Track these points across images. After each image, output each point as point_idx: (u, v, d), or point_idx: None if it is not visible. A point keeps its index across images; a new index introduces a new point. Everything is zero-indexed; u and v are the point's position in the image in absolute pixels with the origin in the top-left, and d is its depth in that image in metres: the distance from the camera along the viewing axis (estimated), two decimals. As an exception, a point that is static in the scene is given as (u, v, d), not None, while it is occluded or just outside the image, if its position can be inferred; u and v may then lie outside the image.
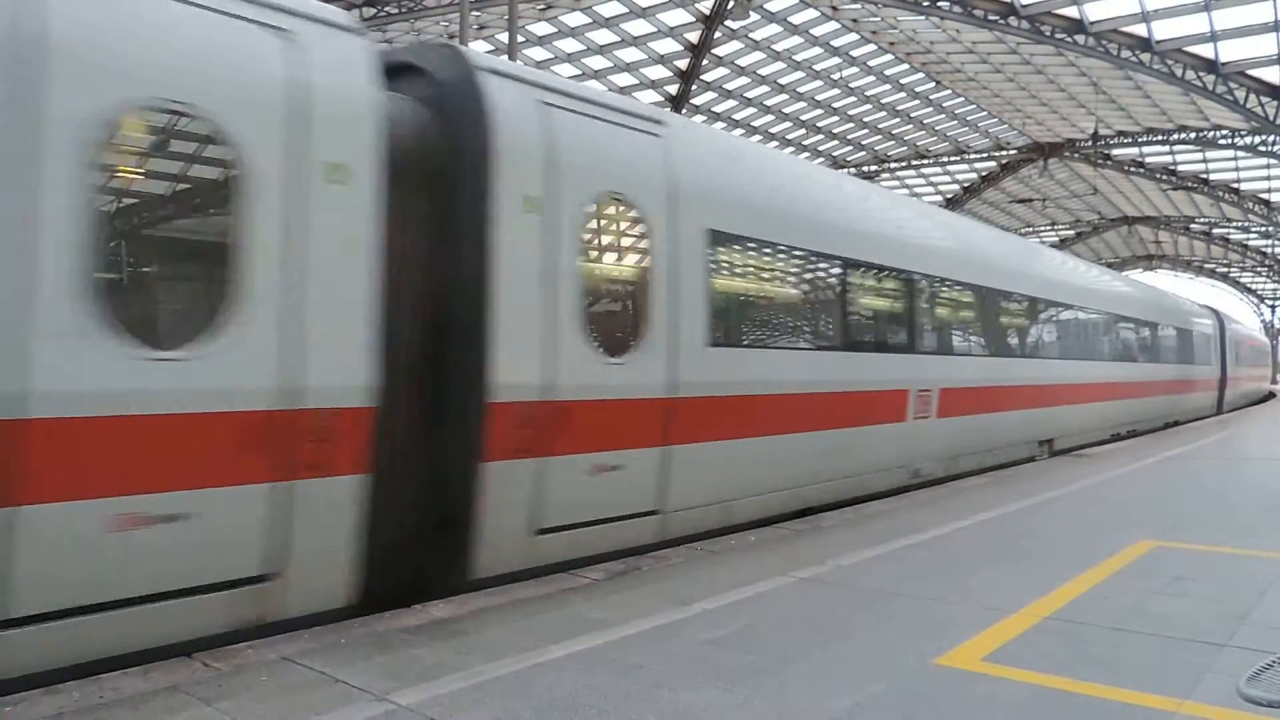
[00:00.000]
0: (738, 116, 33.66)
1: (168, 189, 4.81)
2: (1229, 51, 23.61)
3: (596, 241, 6.86)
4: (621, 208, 6.93)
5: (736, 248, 8.09)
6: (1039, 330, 15.03)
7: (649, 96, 30.53)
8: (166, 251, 4.90)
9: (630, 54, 28.62)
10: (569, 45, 28.09)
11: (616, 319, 7.03)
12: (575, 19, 26.41)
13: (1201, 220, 48.65)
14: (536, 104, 6.29)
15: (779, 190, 9.04)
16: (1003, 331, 13.74)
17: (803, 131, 35.65)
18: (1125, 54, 23.78)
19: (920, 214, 14.18)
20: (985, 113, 34.69)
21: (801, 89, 31.68)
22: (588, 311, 6.48)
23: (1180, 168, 38.16)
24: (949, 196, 44.02)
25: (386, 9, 23.62)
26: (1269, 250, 53.40)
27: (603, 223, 6.93)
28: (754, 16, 25.26)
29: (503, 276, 5.88)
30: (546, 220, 6.17)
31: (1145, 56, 23.65)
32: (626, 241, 7.18)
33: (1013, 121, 35.28)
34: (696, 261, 7.39)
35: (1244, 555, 7.11)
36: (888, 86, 31.89)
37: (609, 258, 7.13)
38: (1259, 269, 60.48)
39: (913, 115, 34.88)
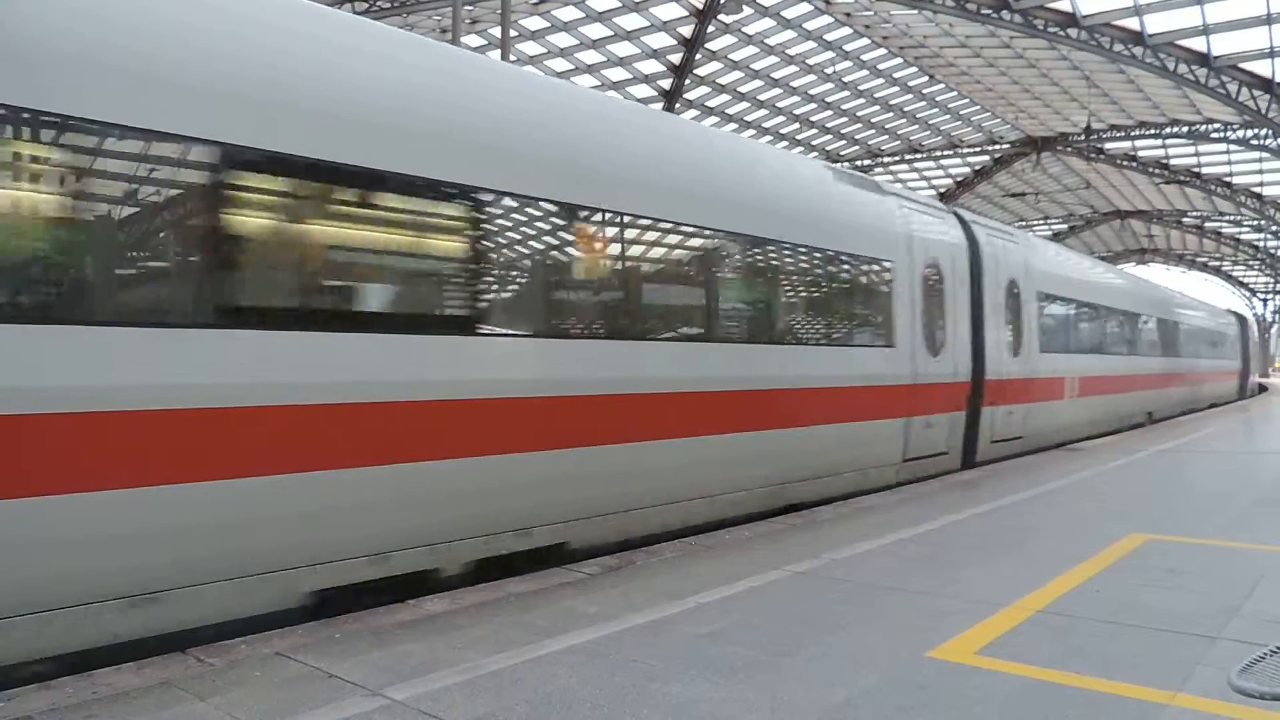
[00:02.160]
0: (731, 111, 33.63)
1: None
2: (1221, 45, 23.68)
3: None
4: None
5: None
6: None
7: (643, 91, 30.50)
8: None
9: (624, 48, 28.57)
10: (562, 40, 28.03)
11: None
12: (568, 13, 26.33)
13: (1194, 214, 48.80)
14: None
15: None
16: None
17: (796, 126, 35.64)
18: (1118, 48, 23.80)
19: None
20: (978, 107, 34.73)
21: (795, 83, 31.66)
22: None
23: (1173, 162, 38.25)
24: (942, 191, 44.07)
25: (379, 3, 23.52)
26: (1261, 244, 53.58)
27: None
28: (747, 10, 25.22)
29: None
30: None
31: (1138, 50, 23.67)
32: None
33: (1006, 115, 35.33)
34: None
35: (1235, 548, 7.14)
36: (881, 81, 31.90)
37: None
38: (1251, 263, 60.68)
39: (906, 109, 34.89)
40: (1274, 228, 46.33)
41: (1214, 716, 3.78)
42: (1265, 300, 70.01)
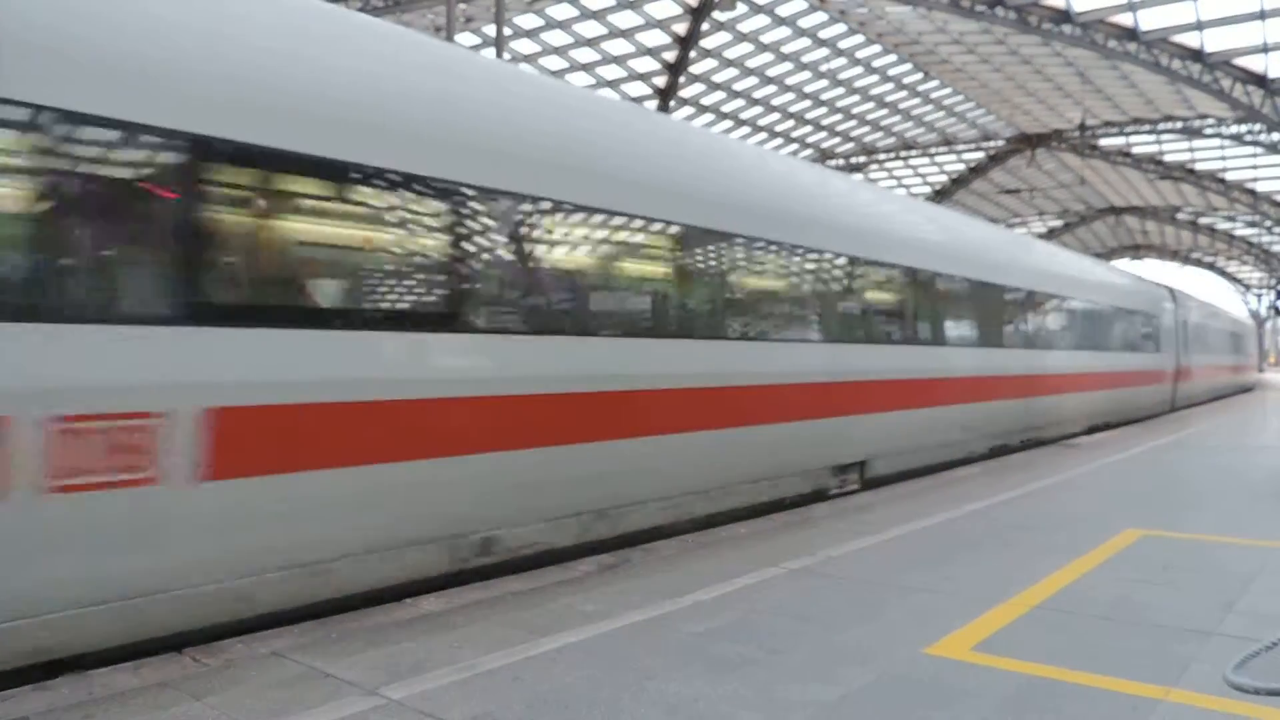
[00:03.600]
0: (726, 109, 33.63)
1: None
2: (1215, 41, 23.75)
3: None
4: None
5: None
6: None
7: (638, 89, 30.49)
8: None
9: (618, 46, 28.55)
10: (557, 38, 28.00)
11: None
12: (562, 11, 26.31)
13: (1188, 210, 48.92)
14: None
15: None
16: None
17: (791, 123, 35.64)
18: (1111, 44, 23.84)
19: None
20: (973, 104, 34.76)
21: (789, 80, 31.67)
22: None
23: (1166, 157, 38.33)
24: (937, 188, 44.13)
25: (372, 2, 23.48)
26: (1255, 239, 53.70)
27: None
28: (741, 8, 25.21)
29: None
30: None
31: (1131, 46, 23.71)
32: None
33: (1000, 112, 35.37)
34: None
35: (1230, 544, 7.16)
36: (875, 78, 31.91)
37: None
38: (1245, 258, 60.81)
39: (900, 107, 34.92)
40: (1268, 223, 46.45)
41: (1209, 712, 3.79)
42: (1259, 295, 70.16)
